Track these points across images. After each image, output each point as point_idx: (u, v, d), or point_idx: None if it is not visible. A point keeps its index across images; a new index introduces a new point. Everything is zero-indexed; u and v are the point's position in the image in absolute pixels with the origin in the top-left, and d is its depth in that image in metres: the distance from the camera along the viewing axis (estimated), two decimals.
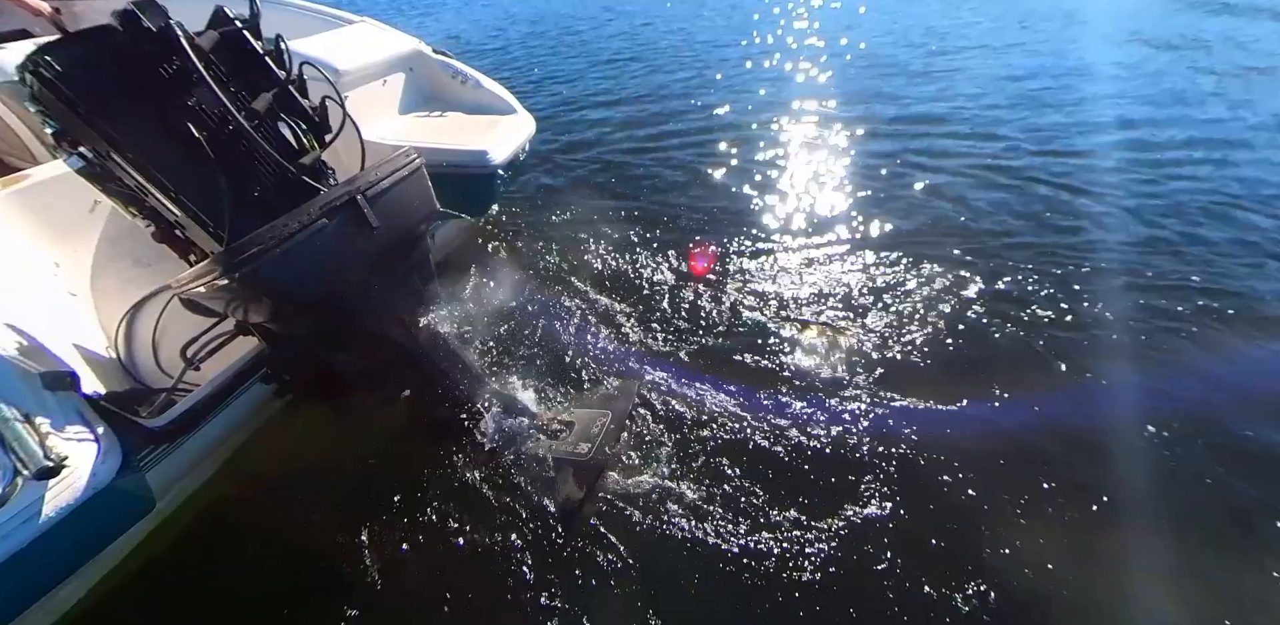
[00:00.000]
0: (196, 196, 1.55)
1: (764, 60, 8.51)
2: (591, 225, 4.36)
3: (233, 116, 1.52)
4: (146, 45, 1.44)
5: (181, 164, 1.52)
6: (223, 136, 1.54)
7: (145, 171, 1.50)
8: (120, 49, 1.42)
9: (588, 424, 2.43)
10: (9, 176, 2.22)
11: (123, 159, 1.49)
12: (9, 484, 1.22)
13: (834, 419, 2.79)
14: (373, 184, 1.72)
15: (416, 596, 2.15)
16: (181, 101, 1.49)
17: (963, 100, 6.80)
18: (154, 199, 1.58)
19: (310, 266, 1.64)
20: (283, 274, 1.56)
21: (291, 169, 1.65)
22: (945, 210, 4.54)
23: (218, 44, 1.60)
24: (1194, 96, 6.72)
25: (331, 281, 1.75)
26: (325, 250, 1.65)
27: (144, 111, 1.47)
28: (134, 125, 1.45)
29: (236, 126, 1.53)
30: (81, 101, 1.38)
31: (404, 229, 1.87)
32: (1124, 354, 3.17)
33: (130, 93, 1.45)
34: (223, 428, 2.05)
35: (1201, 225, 4.33)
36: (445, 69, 3.70)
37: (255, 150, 1.58)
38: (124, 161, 1.50)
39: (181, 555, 2.23)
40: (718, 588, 2.16)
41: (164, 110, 1.49)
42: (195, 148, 1.50)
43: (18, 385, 1.48)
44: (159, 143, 1.49)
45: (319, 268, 1.67)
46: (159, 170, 1.50)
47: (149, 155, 1.48)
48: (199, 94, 1.50)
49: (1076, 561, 2.23)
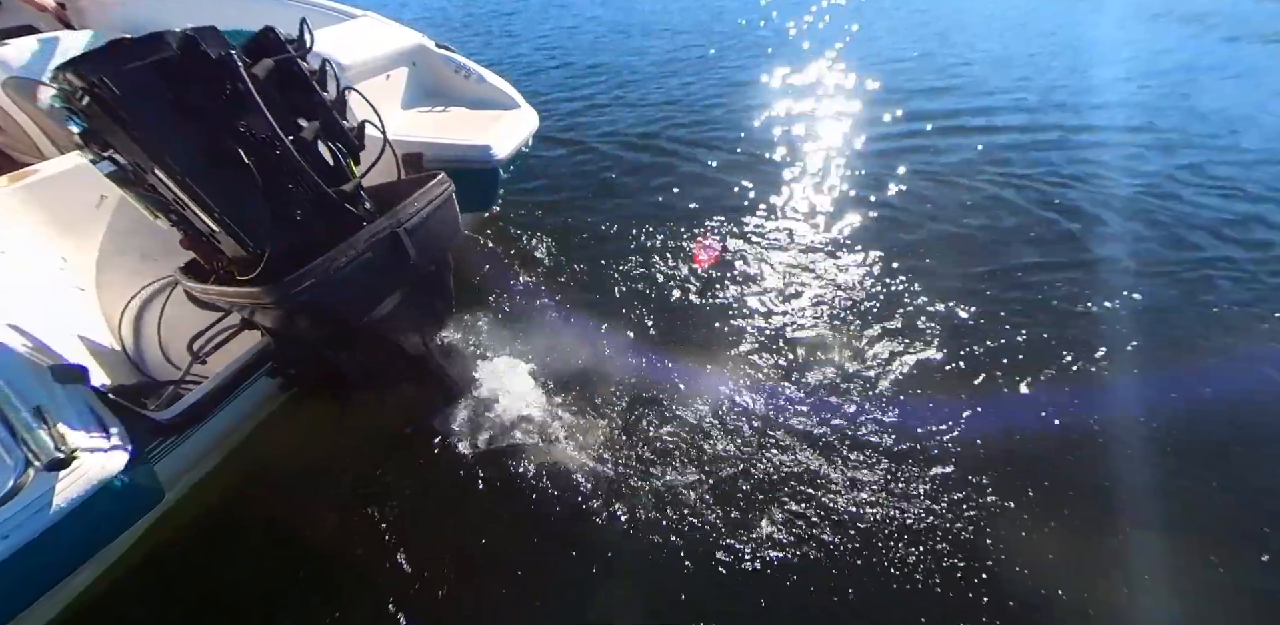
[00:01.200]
0: (238, 216, 1.60)
1: (773, 56, 8.46)
2: (594, 220, 4.36)
3: (281, 141, 1.56)
4: (204, 71, 1.46)
5: (226, 185, 1.56)
6: (270, 160, 1.58)
7: (188, 189, 1.54)
8: (176, 71, 1.44)
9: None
10: (16, 172, 2.24)
11: (166, 175, 1.51)
12: (21, 475, 1.24)
13: (835, 415, 2.80)
14: (412, 216, 1.82)
15: (419, 588, 2.17)
16: (233, 125, 1.52)
17: (972, 97, 6.77)
18: (191, 212, 1.61)
19: (353, 296, 1.79)
20: (328, 304, 1.70)
21: (332, 194, 1.71)
22: (950, 208, 4.54)
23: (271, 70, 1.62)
24: (1203, 92, 6.68)
25: (370, 308, 1.89)
26: (368, 280, 1.80)
27: (192, 132, 1.48)
28: (182, 145, 1.47)
29: (284, 151, 1.58)
30: (133, 119, 1.40)
31: (435, 256, 1.97)
32: (1129, 354, 3.17)
33: (180, 113, 1.46)
34: (229, 421, 2.07)
35: (1212, 223, 4.32)
36: (448, 63, 3.69)
37: (300, 174, 1.63)
38: (166, 177, 1.52)
39: (187, 545, 2.26)
40: (717, 584, 2.18)
41: (214, 133, 1.51)
42: (242, 171, 1.54)
43: (29, 378, 1.50)
44: (205, 163, 1.52)
45: (360, 296, 1.83)
46: (203, 189, 1.53)
47: (195, 175, 1.51)
48: (250, 119, 1.53)
49: (1077, 561, 2.24)
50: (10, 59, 2.99)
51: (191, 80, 1.45)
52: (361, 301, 1.87)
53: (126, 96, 1.36)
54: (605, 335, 3.27)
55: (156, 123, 1.42)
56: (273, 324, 1.85)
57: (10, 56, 3.00)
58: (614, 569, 2.21)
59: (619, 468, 2.56)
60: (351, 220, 1.76)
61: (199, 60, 1.44)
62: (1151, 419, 2.78)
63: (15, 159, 3.24)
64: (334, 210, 1.74)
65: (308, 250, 1.64)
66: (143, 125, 1.42)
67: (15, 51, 3.03)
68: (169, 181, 1.52)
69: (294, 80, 1.68)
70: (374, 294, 1.90)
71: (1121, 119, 6.15)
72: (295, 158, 1.59)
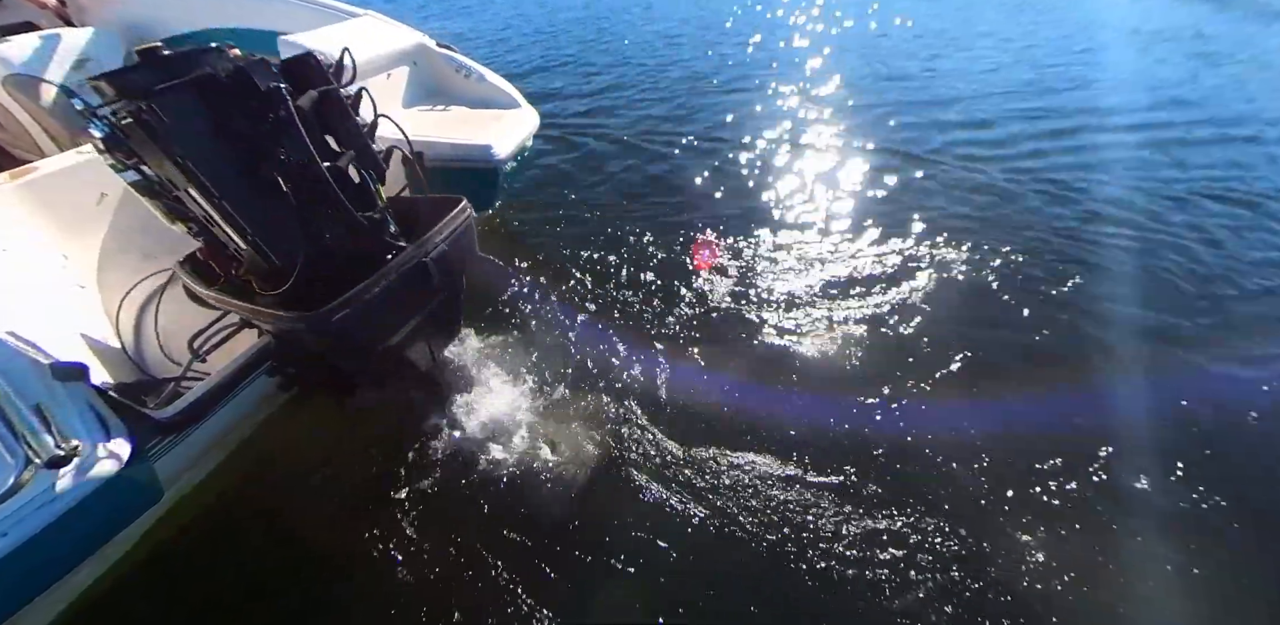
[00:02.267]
0: (268, 238, 1.62)
1: (776, 55, 8.46)
2: (594, 219, 4.37)
3: (318, 168, 1.60)
4: (250, 100, 1.47)
5: (261, 208, 1.58)
6: (305, 185, 1.61)
7: (222, 211, 1.56)
8: (222, 98, 1.45)
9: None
10: (16, 169, 2.24)
11: (200, 195, 1.52)
12: (22, 472, 1.24)
13: (836, 413, 2.81)
14: (437, 246, 1.89)
15: (418, 586, 2.17)
16: (273, 152, 1.54)
17: (977, 95, 6.78)
18: (219, 229, 1.63)
19: (381, 323, 1.89)
20: (358, 332, 1.77)
21: (362, 219, 1.76)
22: (955, 207, 4.54)
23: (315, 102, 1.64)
24: (1210, 89, 6.69)
25: (393, 334, 1.98)
26: (395, 308, 1.89)
27: (232, 157, 1.50)
28: (221, 170, 1.48)
29: (320, 178, 1.61)
30: (175, 144, 1.40)
31: (455, 280, 2.04)
32: (1132, 353, 3.18)
33: (222, 138, 1.47)
34: (229, 419, 2.07)
35: (1220, 221, 4.33)
36: (449, 63, 3.69)
37: (333, 199, 1.66)
38: (200, 197, 1.53)
39: (188, 544, 2.26)
40: (716, 581, 2.18)
41: (253, 158, 1.53)
42: (278, 195, 1.56)
43: (29, 376, 1.50)
44: (242, 187, 1.54)
45: (387, 323, 1.93)
46: (237, 211, 1.55)
47: (230, 198, 1.53)
48: (290, 145, 1.55)
49: (1078, 560, 2.25)
50: (10, 56, 2.99)
51: (236, 107, 1.46)
52: (387, 328, 1.95)
53: (172, 122, 1.37)
54: (606, 334, 3.28)
55: (197, 147, 1.43)
56: (291, 342, 1.88)
57: (10, 54, 3.00)
58: (614, 568, 2.22)
59: (620, 467, 2.56)
60: (378, 245, 1.83)
61: (247, 90, 1.45)
62: (1157, 418, 2.79)
63: (15, 156, 3.24)
64: (362, 234, 1.79)
65: (333, 272, 1.69)
66: (184, 150, 1.42)
67: (16, 49, 3.03)
68: (203, 201, 1.54)
69: (333, 106, 1.71)
70: (399, 320, 1.99)
71: (1132, 112, 6.17)
72: (331, 184, 1.62)
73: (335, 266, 1.73)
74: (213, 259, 1.75)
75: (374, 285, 1.69)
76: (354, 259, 1.78)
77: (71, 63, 3.23)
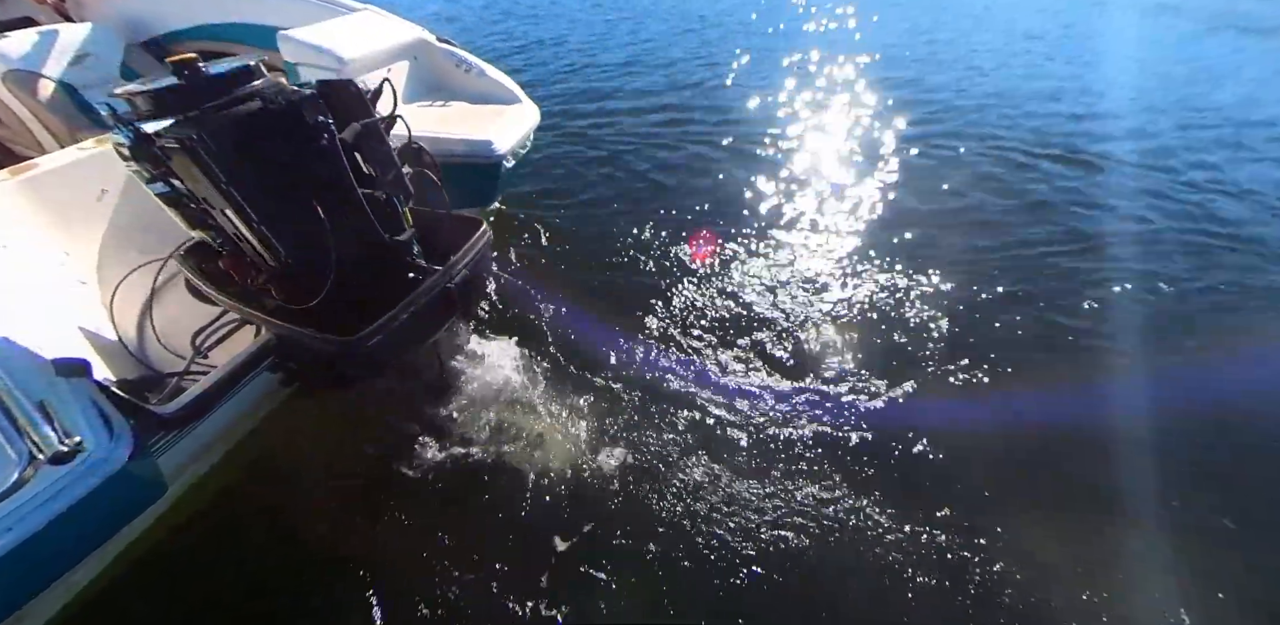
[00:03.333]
0: (300, 258, 1.66)
1: (781, 50, 8.41)
2: (595, 215, 4.36)
3: (355, 195, 1.64)
4: (298, 132, 1.50)
5: (295, 230, 1.61)
6: (340, 210, 1.64)
7: (258, 232, 1.58)
8: (268, 127, 1.46)
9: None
10: (17, 166, 2.23)
11: (236, 216, 1.54)
12: (26, 468, 1.24)
13: (836, 411, 2.81)
14: (461, 271, 1.97)
15: (418, 583, 2.18)
16: (313, 179, 1.57)
17: (982, 94, 6.75)
18: (248, 245, 1.65)
19: (405, 345, 1.98)
20: (384, 355, 1.85)
21: (392, 243, 1.84)
22: (957, 206, 4.53)
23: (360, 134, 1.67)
24: (1217, 88, 6.66)
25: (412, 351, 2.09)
26: (418, 331, 1.99)
27: (273, 183, 1.51)
28: (260, 194, 1.50)
29: (357, 204, 1.66)
30: (223, 173, 1.41)
31: (473, 302, 2.11)
32: (1134, 352, 3.18)
33: (264, 165, 1.48)
34: (231, 415, 2.07)
35: (1224, 219, 4.32)
36: (449, 57, 3.68)
37: (367, 224, 1.72)
38: (236, 218, 1.55)
39: (190, 540, 2.26)
40: (715, 578, 2.19)
41: (294, 184, 1.55)
42: (313, 219, 1.59)
43: (32, 372, 1.50)
44: (280, 210, 1.56)
45: (409, 343, 2.03)
46: (272, 232, 1.58)
47: (267, 220, 1.55)
48: (328, 173, 1.59)
49: (1079, 559, 2.25)
50: (10, 52, 2.99)
51: (281, 136, 1.47)
52: (408, 348, 2.06)
53: (220, 153, 1.38)
54: (607, 330, 3.27)
55: (240, 175, 1.44)
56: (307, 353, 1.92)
57: (10, 49, 2.99)
58: (615, 565, 2.22)
59: (621, 464, 2.57)
60: (405, 267, 1.90)
61: (295, 123, 1.47)
62: (1158, 418, 2.79)
63: (15, 152, 3.23)
64: (390, 256, 1.86)
65: (354, 287, 1.74)
66: (228, 178, 1.43)
67: (14, 44, 3.02)
68: (237, 221, 1.56)
69: (371, 136, 1.73)
70: (420, 340, 2.11)
71: (1134, 107, 6.15)
72: (366, 211, 1.68)
73: (358, 283, 1.77)
74: (233, 269, 1.77)
75: (404, 311, 1.76)
76: (376, 275, 1.85)
77: (70, 58, 3.22)
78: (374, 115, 1.71)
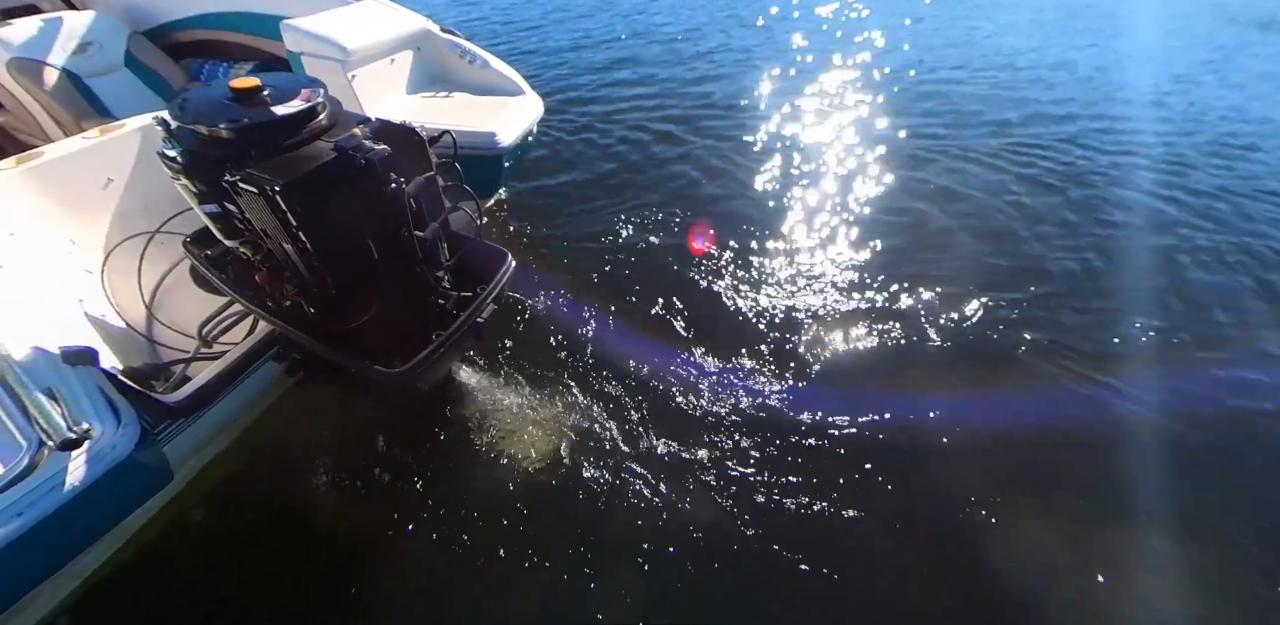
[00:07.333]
0: (348, 287, 1.70)
1: (787, 47, 8.34)
2: (598, 207, 4.35)
3: (412, 239, 1.69)
4: (369, 187, 1.51)
5: (349, 265, 1.65)
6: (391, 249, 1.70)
7: (311, 267, 1.60)
8: (339, 176, 1.47)
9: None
10: (23, 154, 2.24)
11: (294, 251, 1.55)
12: (36, 454, 1.26)
13: (836, 410, 2.82)
14: (488, 305, 2.02)
15: (422, 573, 2.21)
16: (373, 222, 1.60)
17: (986, 96, 6.69)
18: (293, 269, 1.67)
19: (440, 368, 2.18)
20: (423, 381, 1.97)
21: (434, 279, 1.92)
22: (959, 205, 4.51)
23: (421, 186, 1.69)
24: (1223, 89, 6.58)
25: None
26: (450, 356, 2.13)
27: (333, 225, 1.53)
28: (321, 233, 1.52)
29: (410, 245, 1.72)
30: (292, 216, 1.43)
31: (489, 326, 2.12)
32: (1134, 352, 3.18)
33: (330, 210, 1.50)
34: (237, 404, 2.09)
35: (1227, 222, 4.30)
36: (453, 48, 3.65)
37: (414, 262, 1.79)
38: (294, 253, 1.56)
39: (196, 528, 2.30)
40: (714, 576, 2.21)
41: (355, 226, 1.58)
42: (365, 255, 1.64)
43: (40, 360, 1.52)
44: (337, 248, 1.59)
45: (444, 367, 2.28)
46: (326, 266, 1.60)
47: (322, 256, 1.57)
48: (388, 216, 1.62)
49: (1079, 559, 2.26)
50: (14, 39, 2.98)
51: (349, 185, 1.49)
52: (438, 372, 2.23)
53: (294, 201, 1.39)
54: (608, 322, 3.28)
55: (306, 218, 1.45)
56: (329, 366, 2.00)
57: (14, 37, 2.98)
58: (617, 561, 2.24)
59: (622, 458, 2.58)
60: (442, 298, 1.96)
61: (367, 176, 1.48)
62: (1158, 417, 2.79)
63: (20, 140, 3.24)
64: (428, 288, 1.92)
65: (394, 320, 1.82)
66: (297, 222, 1.45)
67: (18, 32, 3.01)
68: (295, 256, 1.58)
69: (431, 184, 1.77)
70: (447, 364, 2.32)
71: (1148, 109, 6.09)
72: (417, 251, 1.73)
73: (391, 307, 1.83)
74: (268, 283, 1.80)
75: (444, 344, 1.83)
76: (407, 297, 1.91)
77: (74, 46, 3.22)
78: (434, 168, 1.75)
